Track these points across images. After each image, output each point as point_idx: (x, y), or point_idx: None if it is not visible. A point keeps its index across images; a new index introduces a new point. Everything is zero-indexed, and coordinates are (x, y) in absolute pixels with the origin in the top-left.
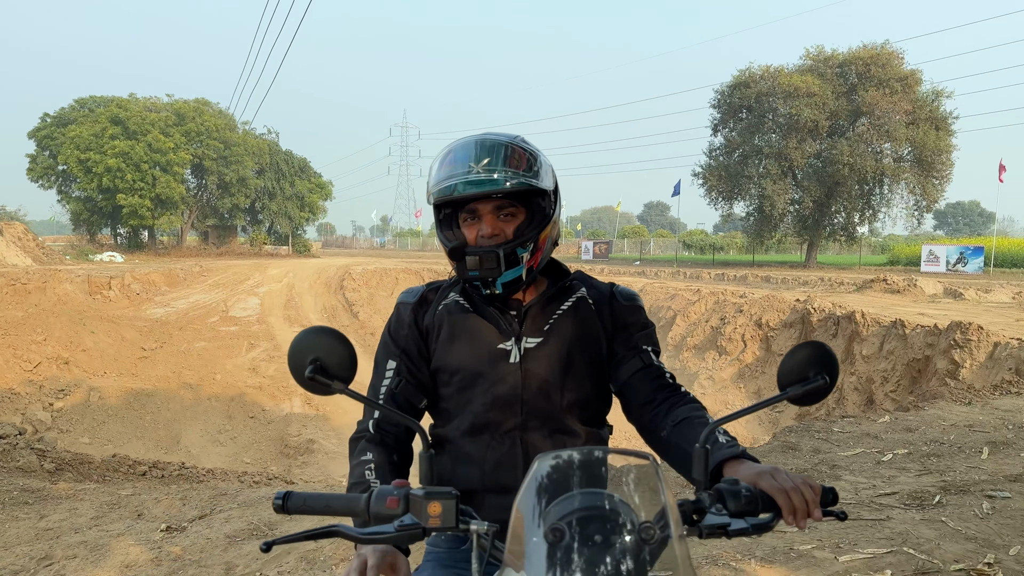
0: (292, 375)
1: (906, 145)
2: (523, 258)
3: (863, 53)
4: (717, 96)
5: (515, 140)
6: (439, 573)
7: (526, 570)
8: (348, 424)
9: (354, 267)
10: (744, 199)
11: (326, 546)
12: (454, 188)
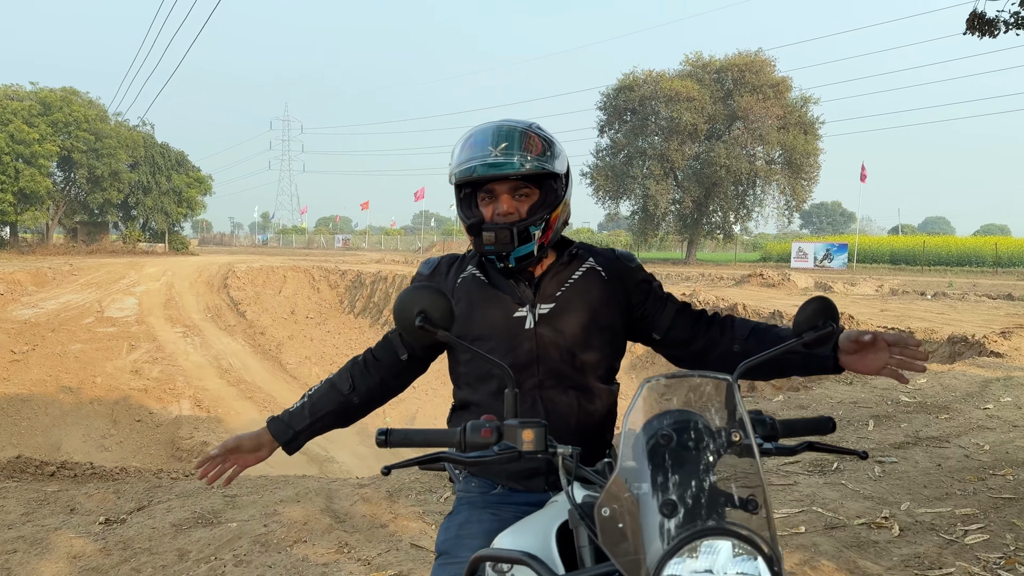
0: (399, 326)
1: (777, 148)
2: (535, 235)
3: (738, 60)
4: (603, 99)
5: (531, 127)
6: (474, 515)
7: (634, 472)
8: (242, 426)
9: (238, 265)
10: (629, 199)
11: (278, 530)
12: (474, 169)
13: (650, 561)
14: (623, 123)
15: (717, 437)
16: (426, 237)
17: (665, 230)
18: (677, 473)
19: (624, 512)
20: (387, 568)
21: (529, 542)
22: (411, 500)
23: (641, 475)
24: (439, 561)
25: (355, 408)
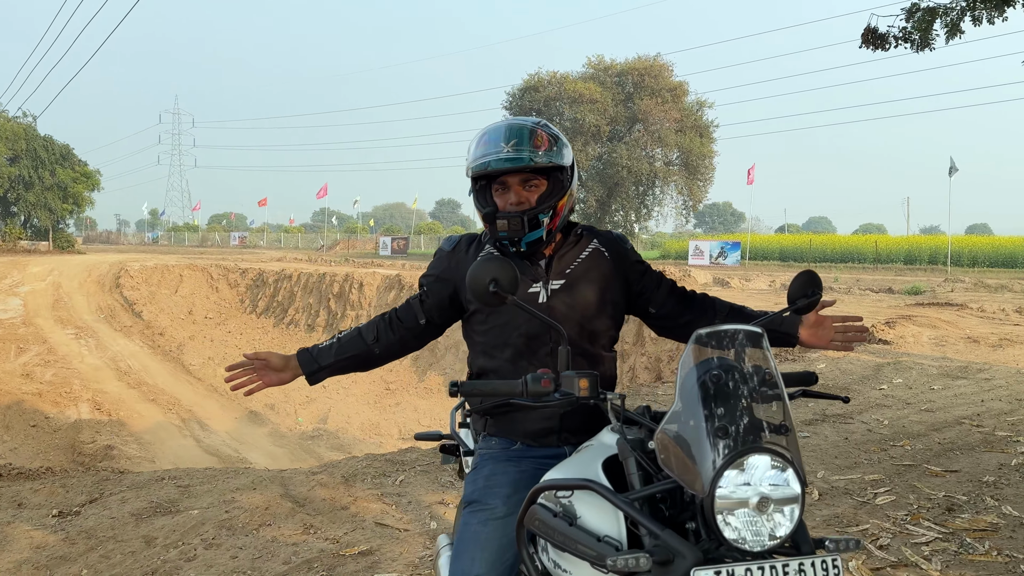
0: (472, 292)
1: (675, 150)
2: (544, 222)
3: (638, 64)
4: (509, 98)
5: (539, 124)
6: (498, 467)
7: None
8: (148, 429)
9: (130, 264)
10: None
11: (241, 515)
12: (488, 164)
13: (705, 475)
14: None
15: (752, 377)
16: (329, 235)
17: None
18: (723, 406)
19: (680, 437)
20: (356, 545)
21: (581, 474)
22: (367, 484)
23: (693, 407)
24: (470, 509)
25: (375, 358)
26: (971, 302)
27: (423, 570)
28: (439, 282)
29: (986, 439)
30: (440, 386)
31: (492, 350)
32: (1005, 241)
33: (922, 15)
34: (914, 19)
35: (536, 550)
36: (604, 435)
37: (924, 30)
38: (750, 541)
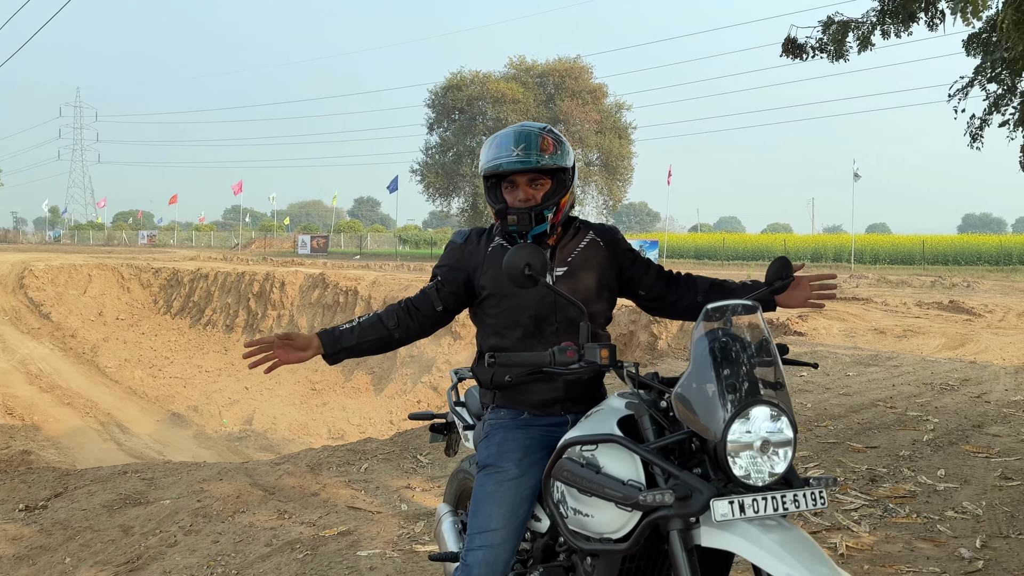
0: (508, 274)
1: (595, 151)
2: (548, 217)
3: (559, 66)
4: (431, 97)
5: (544, 129)
6: (509, 435)
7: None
8: (66, 433)
9: (33, 263)
10: (459, 196)
11: (214, 504)
12: (499, 165)
13: (717, 424)
14: (451, 122)
15: (751, 344)
16: (243, 234)
17: None
18: (729, 368)
19: (694, 395)
20: (333, 527)
21: (601, 431)
22: (333, 472)
23: (705, 370)
24: (485, 472)
25: (394, 342)
26: (875, 297)
27: (402, 546)
28: (453, 271)
29: (899, 419)
30: (368, 385)
31: (503, 330)
32: (903, 239)
33: (837, 28)
34: (830, 31)
35: (555, 501)
36: (613, 400)
37: (839, 42)
38: (754, 477)
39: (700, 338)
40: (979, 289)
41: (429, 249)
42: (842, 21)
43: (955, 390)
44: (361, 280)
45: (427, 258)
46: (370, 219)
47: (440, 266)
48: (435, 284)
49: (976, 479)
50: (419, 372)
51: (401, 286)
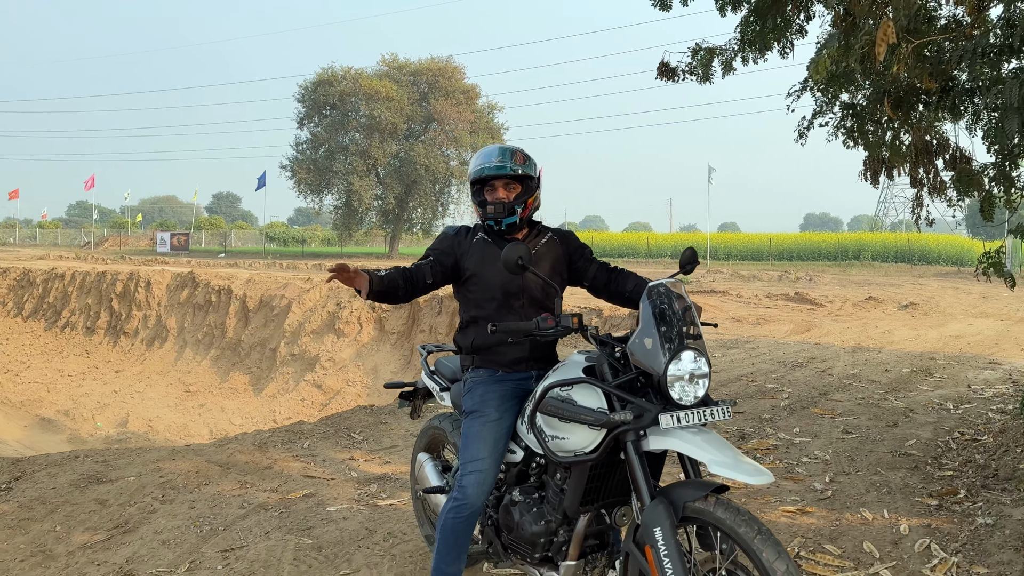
0: (505, 263)
1: (469, 151)
2: (518, 211)
3: (432, 65)
4: (301, 92)
5: (518, 148)
6: (488, 388)
7: (643, 328)
8: None
9: None
10: (332, 193)
11: (177, 478)
12: (483, 171)
13: (660, 364)
14: (323, 117)
15: (679, 308)
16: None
17: (368, 224)
18: (665, 325)
19: (643, 342)
20: (296, 491)
21: (571, 377)
22: (279, 449)
23: (650, 328)
24: (472, 416)
25: (398, 298)
26: (731, 290)
27: (364, 502)
28: (444, 254)
29: (760, 390)
30: (246, 385)
31: (482, 302)
32: (753, 238)
33: (704, 54)
34: (697, 57)
35: (539, 431)
36: (574, 356)
37: (705, 66)
38: (685, 399)
39: (645, 306)
40: (820, 282)
41: (300, 247)
42: (708, 48)
43: (804, 366)
44: (234, 279)
45: (299, 256)
46: (231, 216)
47: (435, 249)
48: (429, 262)
49: (823, 434)
50: (301, 371)
51: (279, 284)
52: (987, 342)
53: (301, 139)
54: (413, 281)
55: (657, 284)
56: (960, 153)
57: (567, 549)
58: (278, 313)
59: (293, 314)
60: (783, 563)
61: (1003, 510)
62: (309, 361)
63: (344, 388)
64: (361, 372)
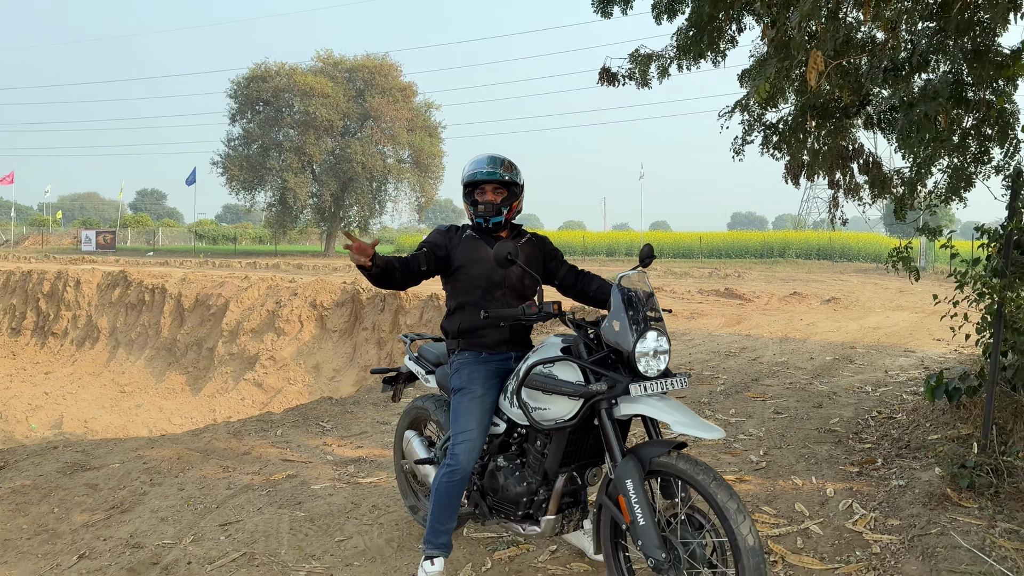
0: (496, 257)
1: (407, 148)
2: (504, 212)
3: (368, 62)
4: (234, 87)
5: (506, 158)
6: (474, 368)
7: (614, 311)
8: None
9: None
10: (266, 190)
11: (161, 464)
12: (476, 176)
13: (629, 342)
14: (256, 113)
15: (644, 295)
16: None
17: (303, 222)
18: (632, 309)
19: (614, 324)
20: (279, 473)
21: (550, 356)
22: (254, 437)
23: (620, 312)
24: (460, 393)
25: (396, 279)
26: (664, 286)
27: (346, 480)
28: (437, 247)
29: (697, 376)
30: (183, 385)
31: (469, 290)
32: (683, 236)
33: (642, 59)
34: (636, 62)
35: (520, 402)
36: (551, 339)
37: (643, 71)
38: (650, 372)
39: (616, 294)
40: (748, 278)
41: (232, 246)
42: (646, 54)
43: (736, 356)
44: (168, 278)
45: (231, 254)
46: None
47: (428, 242)
48: (423, 252)
49: (756, 414)
50: (241, 370)
51: (215, 283)
52: (902, 332)
53: (233, 135)
54: (409, 268)
55: (625, 275)
56: (873, 159)
57: (547, 506)
58: (215, 312)
59: (231, 312)
60: (734, 503)
61: (913, 474)
62: (248, 360)
63: (285, 387)
64: (303, 370)
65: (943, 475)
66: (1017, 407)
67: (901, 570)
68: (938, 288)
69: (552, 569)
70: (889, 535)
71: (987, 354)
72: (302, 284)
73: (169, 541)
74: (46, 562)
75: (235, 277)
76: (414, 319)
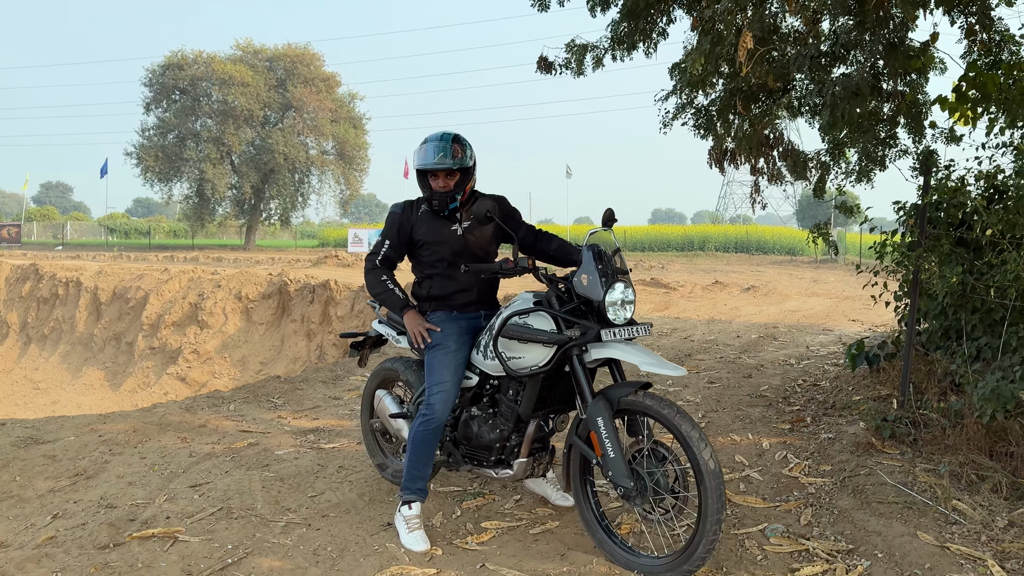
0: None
1: (330, 139)
2: (458, 199)
3: (289, 51)
4: (148, 75)
5: (457, 138)
6: (448, 325)
7: (584, 266)
8: None
9: None
10: (183, 181)
11: (119, 436)
12: (427, 165)
13: (598, 294)
14: (172, 102)
15: (611, 250)
16: None
17: (222, 215)
18: (601, 263)
19: (584, 277)
20: (240, 442)
21: (526, 308)
22: (207, 412)
23: (590, 264)
24: (434, 349)
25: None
26: None
27: (309, 446)
28: (398, 235)
29: None
30: (102, 381)
31: (433, 263)
32: None
33: (578, 49)
34: (572, 52)
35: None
36: (523, 295)
37: (579, 61)
38: (618, 319)
39: (586, 250)
40: (671, 269)
41: (146, 240)
42: (582, 44)
43: (668, 335)
44: (83, 271)
45: (145, 248)
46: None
47: (387, 234)
48: (388, 248)
49: (692, 384)
50: (163, 364)
51: (134, 275)
52: (820, 315)
53: (148, 125)
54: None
55: (594, 233)
56: (792, 146)
57: (519, 450)
58: (134, 305)
59: (151, 306)
60: (696, 432)
61: (840, 428)
62: (171, 354)
63: (210, 380)
64: (228, 364)
65: (867, 428)
66: (930, 368)
67: (835, 505)
68: (849, 278)
69: (518, 514)
70: (822, 478)
71: (902, 321)
72: (226, 276)
73: (142, 501)
74: (19, 523)
75: (154, 270)
76: (345, 310)
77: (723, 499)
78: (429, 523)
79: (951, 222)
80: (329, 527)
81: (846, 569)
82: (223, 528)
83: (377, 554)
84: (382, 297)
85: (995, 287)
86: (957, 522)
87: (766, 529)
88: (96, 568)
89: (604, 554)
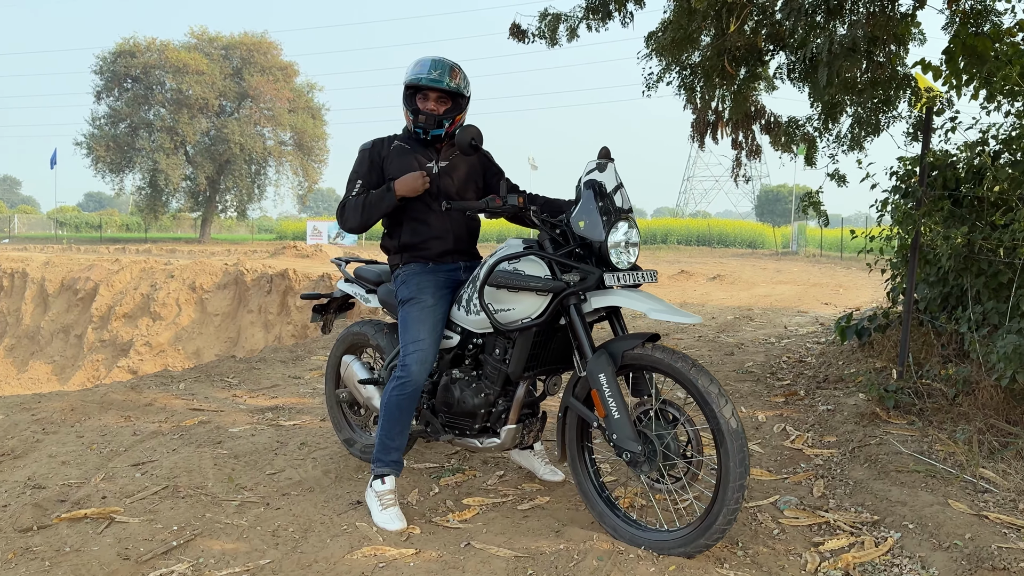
0: (459, 143)
1: (288, 130)
2: (445, 125)
3: (245, 40)
4: (99, 63)
5: (455, 64)
6: (422, 278)
7: (583, 204)
8: None
9: None
10: (135, 172)
11: (55, 415)
12: (420, 80)
13: (599, 234)
14: (124, 91)
15: (615, 185)
16: None
17: (177, 207)
18: (603, 201)
19: (582, 217)
20: (190, 420)
21: (515, 253)
22: (155, 391)
23: (590, 201)
24: (409, 304)
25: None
26: None
27: (266, 423)
28: (370, 169)
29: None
30: (49, 375)
31: (408, 205)
32: None
33: (551, 19)
34: (545, 21)
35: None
36: (511, 241)
37: (552, 30)
38: (622, 264)
39: (585, 186)
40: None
41: (97, 233)
42: (555, 13)
43: (643, 317)
44: (29, 262)
45: (97, 241)
46: (10, 201)
47: (357, 172)
48: (360, 188)
49: None
50: (114, 357)
51: (83, 266)
52: (791, 298)
53: (99, 114)
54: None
55: (595, 165)
56: (774, 119)
57: (506, 416)
58: (83, 297)
59: (101, 297)
60: (716, 387)
61: (839, 400)
62: (122, 347)
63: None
64: (182, 356)
65: (869, 399)
66: (926, 337)
67: (849, 476)
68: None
69: (503, 490)
70: (828, 449)
71: (891, 293)
72: (179, 266)
73: (76, 481)
74: None
75: (105, 260)
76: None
77: (747, 462)
78: (404, 501)
79: (947, 185)
80: (290, 506)
81: (875, 541)
82: (168, 508)
83: (346, 534)
84: (368, 204)
85: (1004, 247)
86: (988, 490)
87: (778, 502)
88: (14, 553)
89: (605, 529)
